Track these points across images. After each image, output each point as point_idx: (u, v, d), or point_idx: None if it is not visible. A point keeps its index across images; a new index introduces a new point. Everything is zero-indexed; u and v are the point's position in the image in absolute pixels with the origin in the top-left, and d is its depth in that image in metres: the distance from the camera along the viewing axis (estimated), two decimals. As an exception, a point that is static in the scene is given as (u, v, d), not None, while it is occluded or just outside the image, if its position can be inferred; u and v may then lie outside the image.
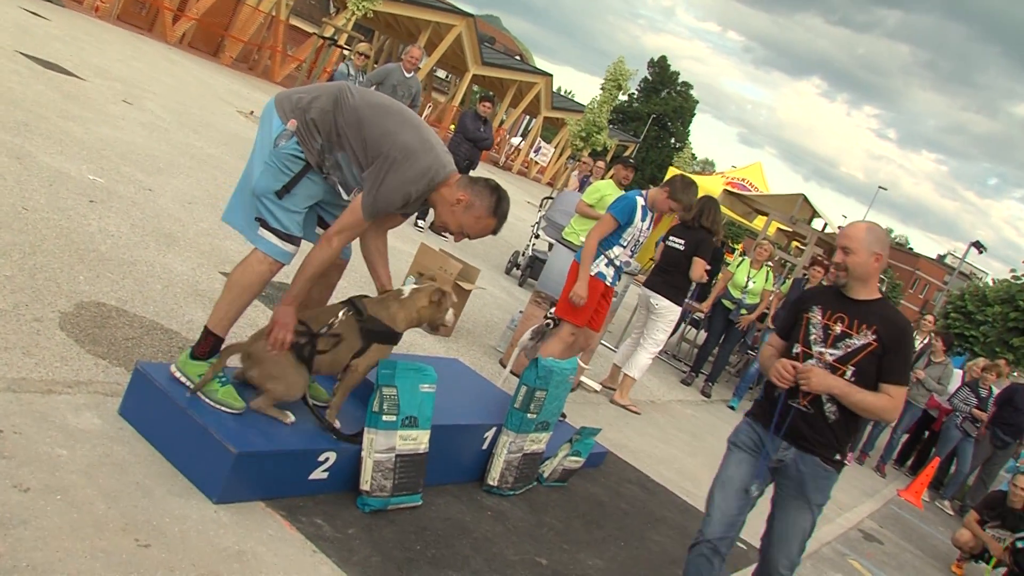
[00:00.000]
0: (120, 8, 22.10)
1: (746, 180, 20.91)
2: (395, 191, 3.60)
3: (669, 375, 11.01)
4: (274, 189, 3.67)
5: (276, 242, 3.70)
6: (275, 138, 3.64)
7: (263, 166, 3.67)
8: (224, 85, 19.04)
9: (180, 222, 6.80)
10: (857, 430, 3.91)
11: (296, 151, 3.65)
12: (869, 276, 3.73)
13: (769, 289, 10.70)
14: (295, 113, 3.66)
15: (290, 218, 3.73)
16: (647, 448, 7.15)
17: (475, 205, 3.76)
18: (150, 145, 9.03)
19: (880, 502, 9.84)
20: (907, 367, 3.67)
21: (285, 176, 3.68)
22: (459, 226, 3.81)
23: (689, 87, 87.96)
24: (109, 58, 14.30)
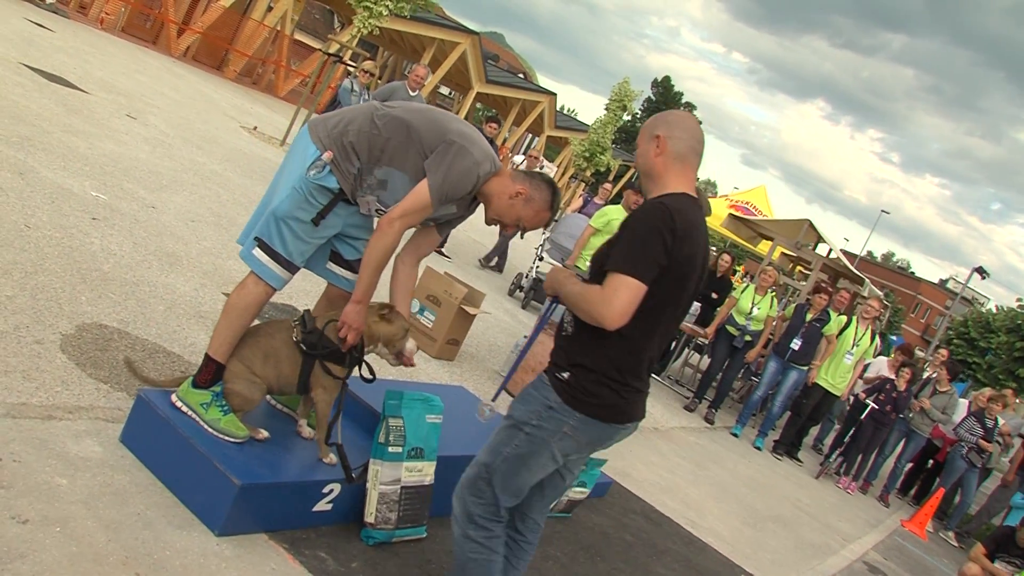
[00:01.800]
0: (125, 20, 22.14)
1: (750, 203, 20.93)
2: (465, 172, 3.59)
3: (672, 401, 10.95)
4: (294, 215, 3.63)
5: (270, 265, 3.67)
6: (308, 166, 3.61)
7: (290, 190, 3.63)
8: (228, 99, 19.05)
9: (183, 241, 6.76)
10: (609, 353, 2.91)
11: (326, 182, 3.62)
12: (651, 168, 3.06)
13: (772, 316, 10.67)
14: (330, 141, 3.63)
15: (297, 246, 3.69)
16: (651, 477, 7.10)
17: (535, 199, 3.71)
18: (153, 161, 9.01)
19: (884, 533, 9.76)
20: (622, 251, 2.82)
21: (310, 205, 3.64)
22: (517, 219, 3.75)
23: (692, 108, 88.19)
24: (113, 71, 14.30)
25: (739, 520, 7.27)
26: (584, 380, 2.93)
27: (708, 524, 6.66)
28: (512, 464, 3.01)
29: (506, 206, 3.73)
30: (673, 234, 2.81)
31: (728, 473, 8.72)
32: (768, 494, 8.72)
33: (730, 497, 7.83)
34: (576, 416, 2.92)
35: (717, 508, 7.27)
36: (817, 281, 13.05)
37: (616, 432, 3.02)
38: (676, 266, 2.84)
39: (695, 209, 2.97)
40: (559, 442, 2.95)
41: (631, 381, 2.96)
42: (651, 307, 2.85)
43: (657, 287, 2.82)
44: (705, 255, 3.02)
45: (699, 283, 3.05)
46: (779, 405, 10.74)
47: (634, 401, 3.02)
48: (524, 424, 2.98)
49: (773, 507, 8.29)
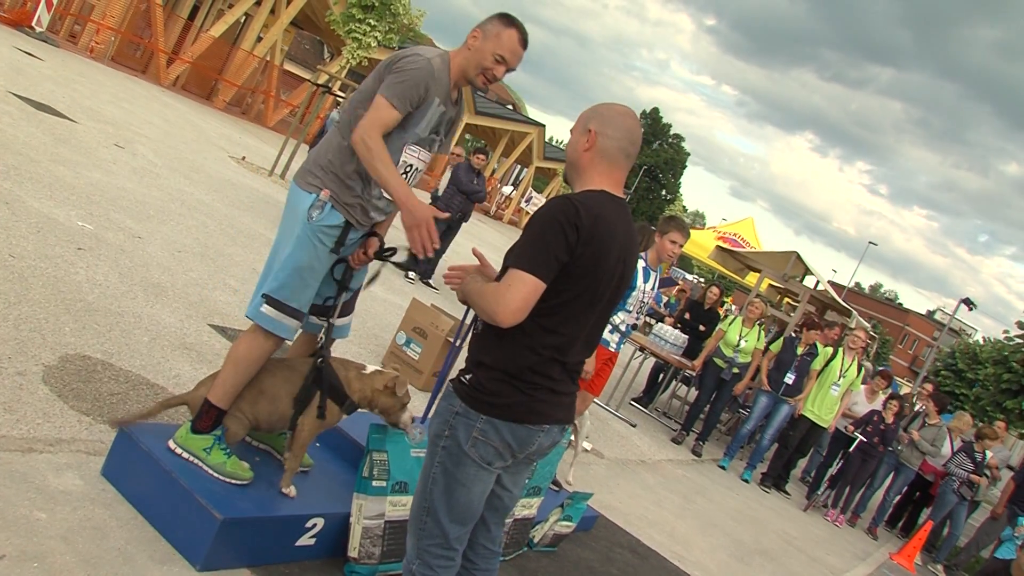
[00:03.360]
0: (115, 50, 22.21)
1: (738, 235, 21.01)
2: (411, 64, 3.51)
3: (659, 433, 10.93)
4: (303, 263, 3.59)
5: (281, 319, 3.61)
6: (308, 211, 3.57)
7: (295, 240, 3.58)
8: (217, 129, 19.08)
9: (169, 271, 6.74)
10: (508, 350, 2.81)
11: (330, 220, 3.59)
12: (577, 161, 2.99)
13: (760, 348, 10.68)
14: (328, 178, 3.60)
15: (307, 295, 3.67)
16: (638, 510, 7.07)
17: (488, 29, 3.61)
18: (140, 191, 9.00)
19: (873, 566, 9.73)
20: (522, 247, 2.75)
21: (318, 249, 3.60)
22: (491, 54, 3.59)
23: (681, 139, 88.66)
24: (102, 100, 14.31)
25: (726, 554, 7.24)
26: (484, 379, 2.83)
27: (695, 558, 6.62)
28: (442, 484, 2.87)
29: (471, 57, 3.63)
30: (577, 230, 2.72)
31: (715, 506, 8.69)
32: (756, 527, 8.69)
33: (717, 530, 7.80)
34: (482, 419, 2.81)
35: (704, 541, 7.24)
36: (805, 313, 13.11)
37: (534, 435, 2.86)
38: (580, 263, 2.75)
39: (613, 207, 2.87)
40: (474, 448, 2.82)
41: (536, 380, 2.82)
42: (556, 305, 2.78)
43: (559, 283, 2.74)
44: (624, 256, 2.92)
45: (620, 285, 2.95)
46: (768, 438, 10.73)
47: (547, 401, 2.86)
48: (438, 438, 2.88)
49: (761, 540, 8.26)
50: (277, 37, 26.19)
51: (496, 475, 2.94)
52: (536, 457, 3.00)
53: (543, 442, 2.93)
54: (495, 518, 3.09)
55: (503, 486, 3.02)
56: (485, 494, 2.93)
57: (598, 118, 2.96)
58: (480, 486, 2.89)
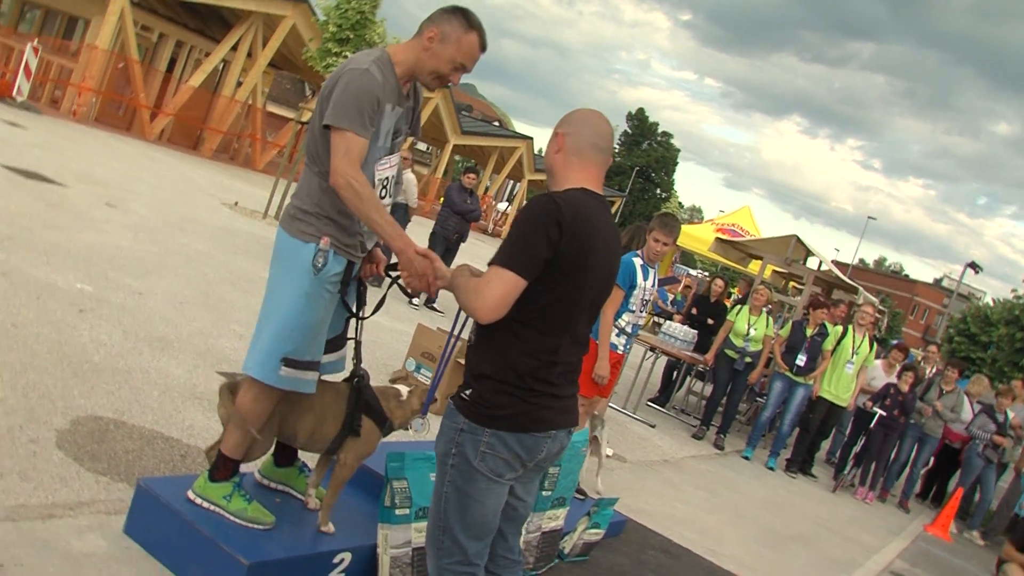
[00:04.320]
0: (97, 110, 22.32)
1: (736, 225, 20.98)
2: (354, 80, 3.36)
3: (679, 431, 10.90)
4: (317, 318, 3.51)
5: (303, 376, 3.52)
6: (311, 263, 3.45)
7: (305, 300, 3.46)
8: (207, 178, 19.14)
9: (173, 324, 6.75)
10: (506, 358, 2.81)
11: (335, 268, 3.50)
12: (551, 165, 3.01)
13: (770, 335, 10.66)
14: (323, 224, 3.48)
15: (319, 342, 3.59)
16: (666, 510, 7.04)
17: (448, 32, 3.45)
18: (136, 247, 9.02)
19: (908, 539, 9.68)
20: (505, 245, 2.78)
21: (328, 299, 3.53)
22: (449, 62, 3.48)
23: (670, 136, 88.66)
24: (90, 162, 14.37)
25: (759, 544, 7.20)
26: (485, 392, 2.82)
27: (728, 551, 6.59)
28: (455, 502, 2.85)
29: (429, 59, 3.48)
30: (559, 227, 2.73)
31: (743, 497, 8.66)
32: (786, 514, 8.66)
33: (748, 521, 7.76)
34: (487, 432, 2.79)
35: (735, 534, 7.21)
36: (812, 295, 13.07)
37: (541, 442, 2.85)
38: (565, 260, 2.75)
39: (593, 203, 2.89)
40: (483, 463, 2.80)
41: (537, 386, 2.82)
42: (545, 305, 2.79)
43: (548, 283, 2.76)
44: (610, 252, 2.94)
45: (608, 281, 2.97)
46: (788, 423, 10.69)
47: (550, 407, 2.86)
48: (446, 457, 2.86)
49: (792, 526, 8.22)
50: (257, 80, 26.33)
51: (509, 487, 2.92)
52: (546, 464, 2.98)
53: (551, 448, 2.92)
54: (511, 528, 3.08)
55: (516, 496, 3.01)
56: (500, 507, 2.92)
57: (564, 122, 3.02)
58: (493, 499, 2.87)
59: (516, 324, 2.79)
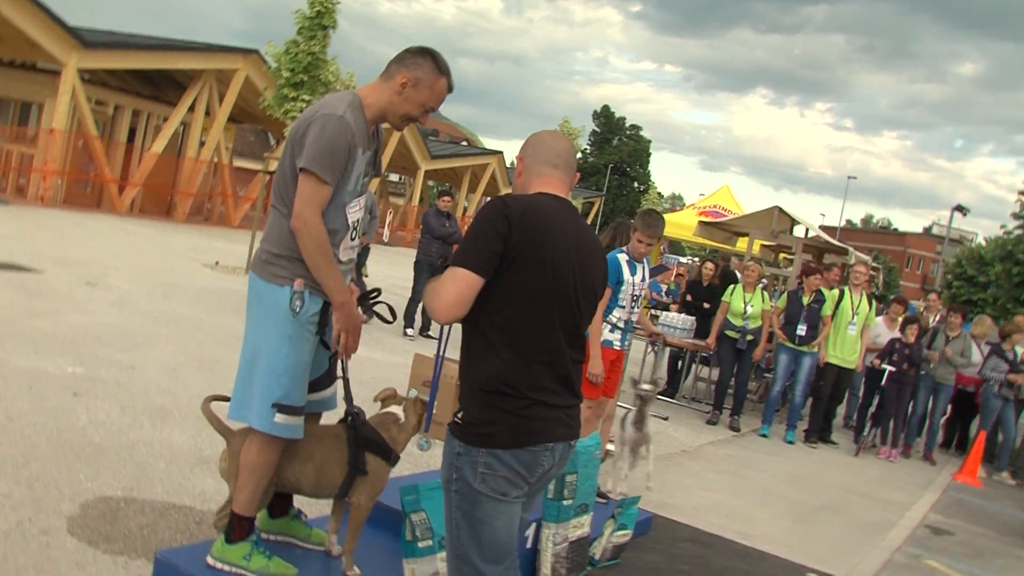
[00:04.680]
0: (64, 192, 22.25)
1: (718, 206, 21.00)
2: (333, 134, 3.39)
3: (693, 419, 10.89)
4: (302, 361, 3.52)
5: (293, 421, 3.53)
6: (289, 306, 3.46)
7: (288, 343, 3.47)
8: (184, 242, 19.13)
9: (170, 392, 6.73)
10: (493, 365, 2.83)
11: (313, 307, 3.51)
12: (517, 189, 3.11)
13: (768, 309, 10.66)
14: (295, 266, 3.48)
15: (304, 388, 3.60)
16: (691, 500, 7.02)
17: (420, 78, 3.51)
18: (123, 322, 9.00)
19: (938, 491, 9.66)
20: (460, 246, 2.85)
21: (308, 340, 3.54)
22: (421, 106, 3.56)
23: (639, 129, 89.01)
24: (64, 244, 14.35)
25: (790, 519, 7.19)
26: (475, 410, 2.83)
27: (760, 531, 6.58)
28: (466, 528, 2.85)
29: (401, 103, 3.55)
30: (507, 220, 2.77)
31: (767, 475, 8.64)
32: (812, 485, 8.64)
33: (774, 498, 7.75)
34: (482, 452, 2.79)
35: (765, 513, 7.19)
36: (803, 263, 13.08)
37: (539, 457, 2.84)
38: (521, 251, 2.77)
39: (549, 201, 2.94)
40: (484, 484, 2.79)
41: (527, 394, 2.81)
42: (513, 299, 2.81)
43: (510, 279, 2.79)
44: (579, 246, 2.94)
45: (584, 277, 2.95)
46: (800, 394, 10.69)
47: (544, 418, 2.85)
48: (449, 483, 2.87)
49: (820, 496, 8.21)
50: (219, 137, 26.33)
51: (519, 504, 2.90)
52: (547, 482, 2.97)
53: (550, 462, 2.89)
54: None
55: (524, 507, 3.00)
56: (513, 527, 2.90)
57: (522, 148, 3.12)
58: (503, 519, 2.85)
59: (491, 331, 2.82)
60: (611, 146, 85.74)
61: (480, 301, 2.79)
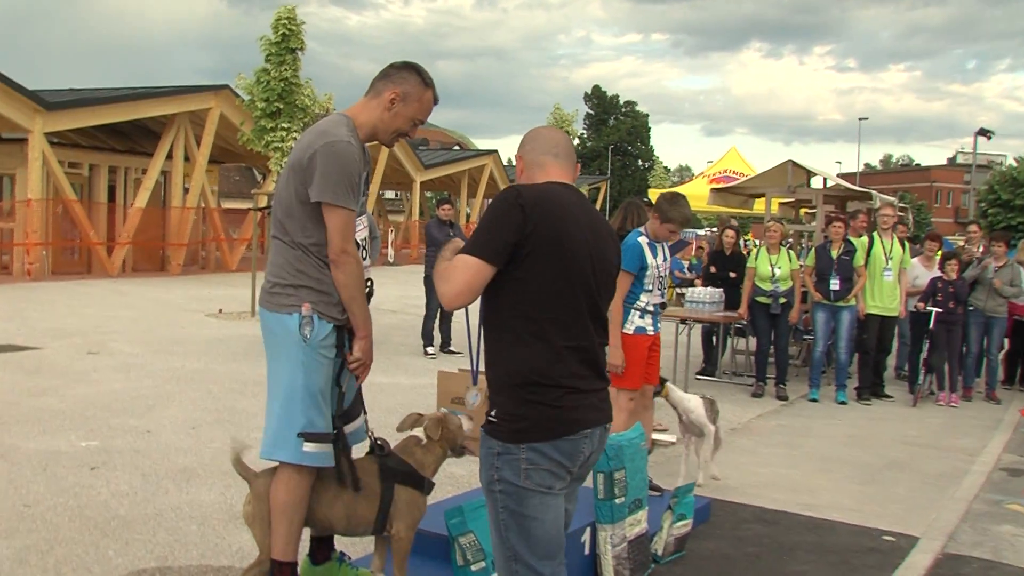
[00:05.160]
0: (51, 262, 22.38)
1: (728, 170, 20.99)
2: (346, 160, 3.53)
3: (737, 394, 10.82)
4: (318, 385, 3.59)
5: (322, 449, 3.59)
6: (299, 332, 3.55)
7: (303, 370, 3.56)
8: (183, 295, 19.20)
9: (191, 451, 6.74)
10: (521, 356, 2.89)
11: (324, 330, 3.59)
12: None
13: (796, 268, 10.59)
14: (302, 293, 3.58)
15: (329, 413, 3.65)
16: (748, 479, 6.97)
17: (408, 92, 3.66)
18: (131, 386, 9.03)
19: (1008, 431, 9.56)
20: (472, 235, 2.93)
21: (324, 364, 3.61)
22: (410, 120, 3.72)
23: (634, 104, 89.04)
24: (58, 316, 14.43)
25: (856, 483, 7.12)
26: (508, 405, 2.89)
27: (826, 500, 6.52)
28: (514, 527, 2.89)
29: (393, 119, 3.70)
30: (522, 209, 2.83)
31: (824, 440, 8.58)
32: (873, 444, 8.56)
33: (836, 463, 7.68)
34: (520, 448, 2.85)
35: (827, 480, 7.13)
36: (826, 214, 13.00)
37: (578, 445, 2.90)
38: (539, 240, 2.83)
39: (560, 189, 3.00)
40: (529, 480, 2.85)
41: (559, 381, 2.87)
42: (536, 290, 2.86)
43: (530, 270, 2.84)
44: (593, 231, 3.00)
45: (603, 261, 3.02)
46: (844, 351, 10.60)
47: (577, 406, 2.90)
48: (491, 484, 2.92)
49: (884, 454, 8.13)
50: (202, 181, 26.42)
51: (562, 497, 2.94)
52: (588, 469, 3.03)
53: (590, 448, 2.95)
54: None
55: (568, 498, 3.04)
56: (560, 520, 2.95)
57: (520, 146, 3.20)
58: (551, 513, 2.90)
59: (517, 323, 2.88)
60: (608, 127, 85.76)
61: (502, 293, 2.87)
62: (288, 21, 18.25)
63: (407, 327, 14.27)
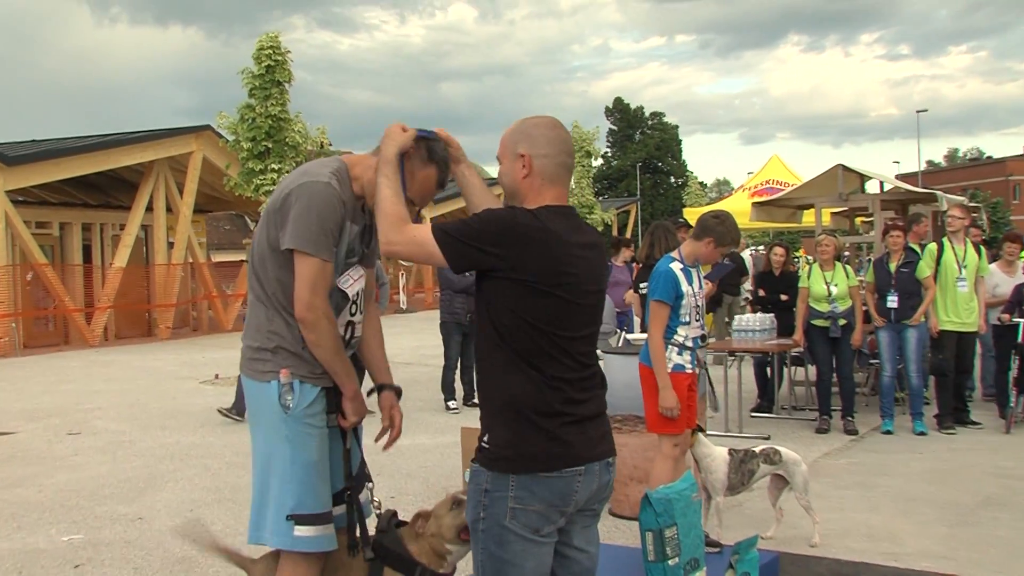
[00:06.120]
0: (23, 335, 22.43)
1: (770, 181, 20.95)
2: (321, 202, 3.45)
3: (799, 431, 10.69)
4: (307, 459, 3.52)
5: (319, 532, 3.54)
6: (278, 403, 3.50)
7: (287, 444, 3.51)
8: (174, 361, 19.26)
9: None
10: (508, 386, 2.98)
11: (308, 397, 3.53)
12: (517, 190, 3.19)
13: (855, 284, 10.48)
14: (280, 357, 3.53)
15: (326, 490, 3.61)
16: (820, 526, 6.84)
17: (411, 158, 3.48)
18: (119, 469, 9.03)
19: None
20: (460, 221, 3.00)
21: (312, 434, 3.54)
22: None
23: (661, 116, 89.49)
24: (33, 395, 14.51)
25: (946, 525, 6.98)
26: (502, 430, 2.96)
27: (912, 548, 6.39)
28: (491, 571, 2.96)
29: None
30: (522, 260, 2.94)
31: (903, 478, 8.43)
32: (962, 478, 8.41)
33: (920, 504, 7.54)
34: (511, 483, 2.91)
35: (912, 524, 6.99)
36: (885, 222, 12.90)
37: (572, 482, 2.95)
38: (542, 286, 2.94)
39: (570, 227, 3.09)
40: (515, 521, 2.90)
41: (556, 406, 2.94)
42: (539, 329, 2.95)
43: (532, 306, 2.94)
44: (590, 263, 3.11)
45: (595, 292, 3.14)
46: (915, 375, 10.42)
47: (574, 438, 2.96)
48: (476, 523, 2.99)
49: (977, 490, 7.97)
50: (188, 233, 26.52)
51: (551, 545, 2.98)
52: (594, 505, 3.09)
53: (587, 486, 3.01)
54: None
55: (574, 546, 3.09)
56: (545, 572, 2.99)
57: (526, 139, 3.15)
58: (533, 562, 2.95)
59: (514, 344, 2.96)
60: (634, 143, 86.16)
61: (499, 316, 2.97)
62: (272, 51, 18.40)
63: (425, 380, 14.23)
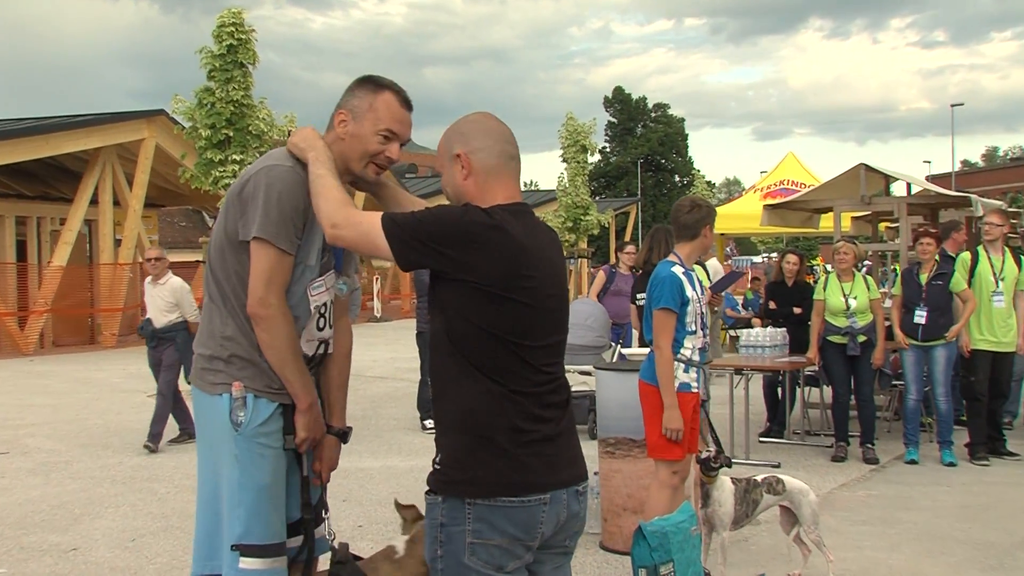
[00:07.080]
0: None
1: (785, 181, 20.94)
2: (280, 189, 3.41)
3: (813, 458, 10.67)
4: (258, 482, 3.47)
5: (267, 566, 3.49)
6: (229, 419, 3.46)
7: (236, 465, 3.46)
8: (119, 372, 19.18)
9: (130, 571, 6.65)
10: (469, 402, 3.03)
11: (263, 413, 3.49)
12: (462, 194, 3.22)
13: (876, 297, 10.45)
14: (233, 367, 3.50)
15: (278, 517, 3.56)
16: (835, 566, 6.81)
17: (356, 106, 3.54)
18: (52, 493, 8.98)
19: None
20: (411, 214, 3.11)
21: (265, 456, 3.50)
22: (374, 135, 3.55)
23: (666, 108, 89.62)
24: (-36, 408, 14.40)
25: (978, 568, 6.96)
26: (456, 450, 3.01)
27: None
28: None
29: (349, 147, 3.57)
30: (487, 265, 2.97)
31: (930, 514, 8.41)
32: (997, 515, 8.39)
33: (949, 543, 7.52)
34: (469, 514, 2.93)
35: (939, 567, 6.98)
36: (913, 228, 12.88)
37: (536, 512, 2.97)
38: (502, 291, 2.97)
39: (528, 226, 3.15)
40: (475, 557, 2.93)
41: (519, 423, 2.97)
42: (498, 339, 2.98)
43: (493, 314, 2.97)
44: (551, 265, 3.18)
45: (558, 296, 3.19)
46: (943, 398, 10.37)
47: (535, 458, 3.00)
48: (434, 562, 3.02)
49: (1013, 530, 7.95)
50: (137, 229, 26.46)
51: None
52: (561, 539, 3.11)
53: (553, 515, 3.01)
54: None
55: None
56: None
57: (459, 138, 3.23)
58: None
59: (471, 355, 2.99)
60: (635, 137, 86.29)
61: (452, 322, 3.00)
62: (235, 28, 18.24)
63: (400, 396, 14.20)
